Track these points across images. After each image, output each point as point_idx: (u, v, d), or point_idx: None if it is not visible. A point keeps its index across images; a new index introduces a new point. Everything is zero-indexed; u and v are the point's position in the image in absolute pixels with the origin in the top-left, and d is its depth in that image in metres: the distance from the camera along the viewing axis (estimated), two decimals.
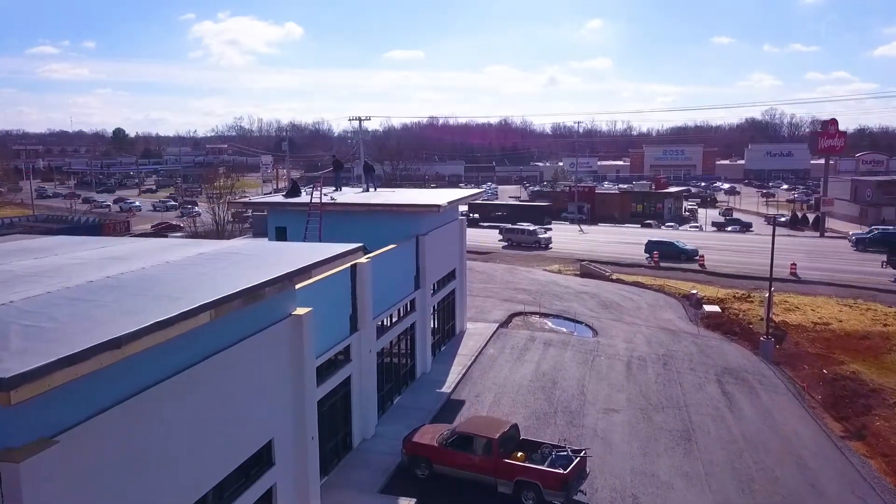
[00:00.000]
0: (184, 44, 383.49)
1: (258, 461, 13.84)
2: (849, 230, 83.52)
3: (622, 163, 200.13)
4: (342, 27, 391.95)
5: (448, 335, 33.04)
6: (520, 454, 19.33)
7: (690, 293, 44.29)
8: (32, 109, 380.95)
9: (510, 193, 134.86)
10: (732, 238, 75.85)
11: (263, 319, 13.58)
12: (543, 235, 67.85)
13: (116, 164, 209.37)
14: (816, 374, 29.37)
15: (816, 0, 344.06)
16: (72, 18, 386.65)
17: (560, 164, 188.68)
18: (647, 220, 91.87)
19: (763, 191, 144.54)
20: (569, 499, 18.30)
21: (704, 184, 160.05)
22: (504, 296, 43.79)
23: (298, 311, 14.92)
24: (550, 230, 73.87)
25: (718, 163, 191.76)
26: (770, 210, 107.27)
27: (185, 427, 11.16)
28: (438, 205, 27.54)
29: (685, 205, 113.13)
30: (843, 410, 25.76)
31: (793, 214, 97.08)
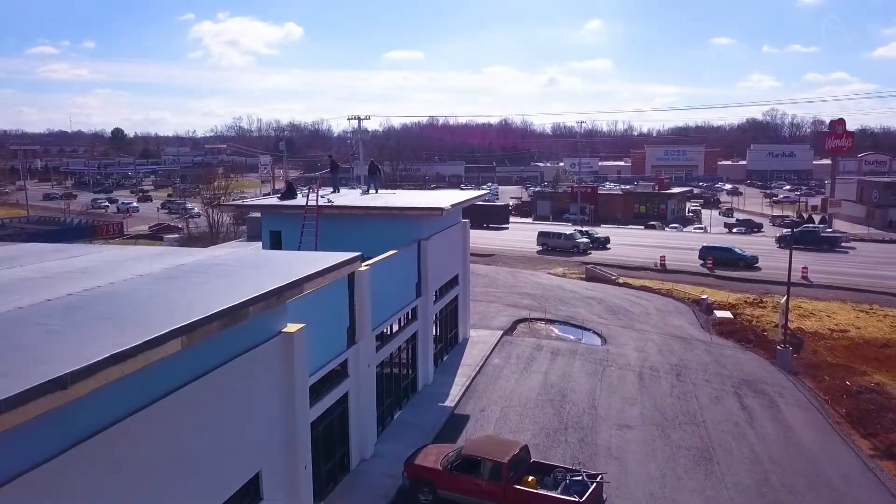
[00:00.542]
0: (183, 44, 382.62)
1: (244, 497, 12.39)
2: (856, 231, 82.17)
3: (623, 163, 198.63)
4: (342, 28, 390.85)
5: (450, 344, 31.58)
6: (531, 479, 17.87)
7: (701, 298, 42.83)
8: (32, 110, 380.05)
9: (511, 194, 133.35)
10: (738, 240, 74.11)
11: (249, 339, 12.14)
12: (582, 240, 64.47)
13: (114, 165, 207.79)
14: (839, 386, 27.89)
15: (816, 1, 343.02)
16: (71, 18, 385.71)
17: (561, 165, 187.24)
18: (651, 222, 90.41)
19: (766, 191, 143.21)
20: None
21: (706, 184, 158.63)
22: (508, 301, 42.32)
23: (289, 328, 13.48)
24: (597, 235, 68.35)
25: (720, 163, 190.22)
26: (773, 211, 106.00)
27: (158, 465, 9.72)
28: (441, 208, 26.08)
29: (689, 205, 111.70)
30: (871, 426, 24.25)
31: (798, 216, 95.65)
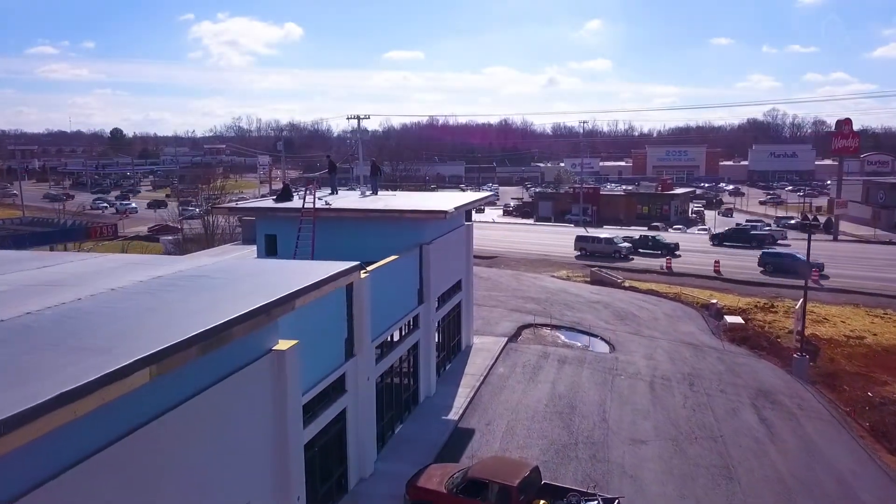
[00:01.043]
0: (183, 44, 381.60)
1: None
2: (863, 232, 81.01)
3: (624, 164, 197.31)
4: (342, 28, 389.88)
5: (453, 352, 30.33)
6: (542, 503, 16.64)
7: (710, 303, 41.62)
8: (32, 110, 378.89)
9: (512, 195, 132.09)
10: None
11: (235, 359, 10.89)
12: (623, 245, 60.89)
13: (113, 165, 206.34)
14: (860, 397, 26.69)
15: (815, 1, 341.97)
16: (71, 18, 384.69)
17: (562, 165, 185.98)
18: (654, 223, 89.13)
19: (769, 192, 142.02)
20: None
21: (708, 185, 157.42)
22: (511, 305, 41.09)
23: (281, 345, 12.22)
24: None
25: (721, 164, 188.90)
26: (775, 211, 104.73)
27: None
28: (445, 210, 24.81)
29: (692, 206, 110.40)
30: None
31: (803, 217, 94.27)
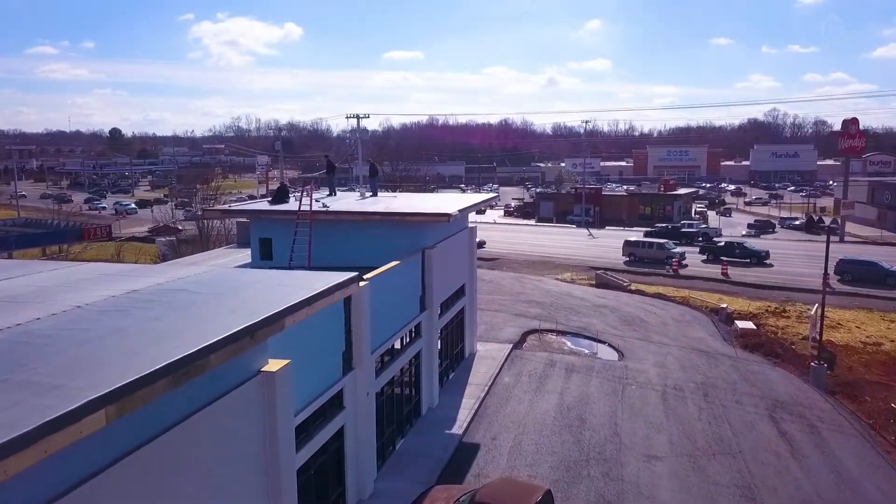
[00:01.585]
0: (183, 44, 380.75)
1: None
2: (869, 233, 79.86)
3: (625, 163, 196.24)
4: (341, 28, 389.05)
5: (457, 360, 29.11)
6: None
7: (720, 307, 40.38)
8: (31, 110, 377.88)
9: (512, 195, 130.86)
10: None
11: (218, 385, 9.68)
12: (676, 250, 56.38)
13: (111, 165, 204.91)
14: (883, 409, 25.44)
15: (814, 1, 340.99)
16: (71, 18, 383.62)
17: (562, 165, 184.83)
18: (657, 224, 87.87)
19: (771, 192, 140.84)
20: None
21: (710, 185, 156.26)
22: (515, 309, 39.87)
23: (270, 366, 11.01)
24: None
25: (723, 164, 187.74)
26: (782, 212, 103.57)
27: None
28: (448, 214, 23.58)
29: (694, 207, 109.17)
30: None
31: (808, 217, 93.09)
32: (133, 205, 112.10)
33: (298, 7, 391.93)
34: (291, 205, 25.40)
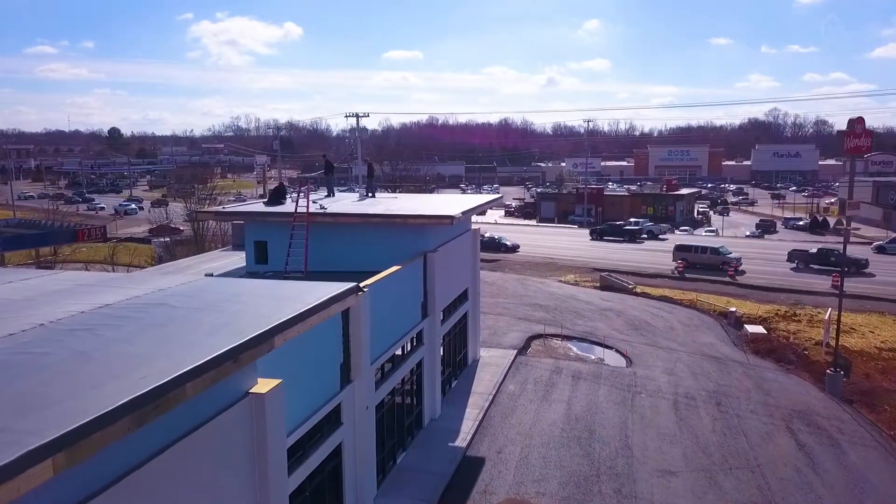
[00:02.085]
0: (182, 44, 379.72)
1: None
2: (874, 234, 78.84)
3: (625, 163, 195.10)
4: (341, 28, 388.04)
5: (459, 367, 28.08)
6: None
7: (728, 311, 39.34)
8: (30, 109, 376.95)
9: (513, 195, 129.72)
10: (753, 243, 70.48)
11: (202, 409, 8.65)
12: (732, 255, 52.51)
13: (110, 165, 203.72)
14: None
15: (814, 1, 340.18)
16: (70, 18, 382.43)
17: (563, 165, 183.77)
18: (661, 224, 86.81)
19: (773, 192, 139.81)
20: None
21: (711, 185, 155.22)
22: (519, 313, 38.83)
23: (260, 387, 9.97)
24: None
25: (724, 164, 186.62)
26: (784, 212, 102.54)
27: None
28: (451, 216, 22.54)
29: (696, 207, 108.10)
30: None
31: (812, 218, 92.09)
32: (133, 205, 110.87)
33: (298, 7, 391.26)
34: (287, 206, 24.36)
